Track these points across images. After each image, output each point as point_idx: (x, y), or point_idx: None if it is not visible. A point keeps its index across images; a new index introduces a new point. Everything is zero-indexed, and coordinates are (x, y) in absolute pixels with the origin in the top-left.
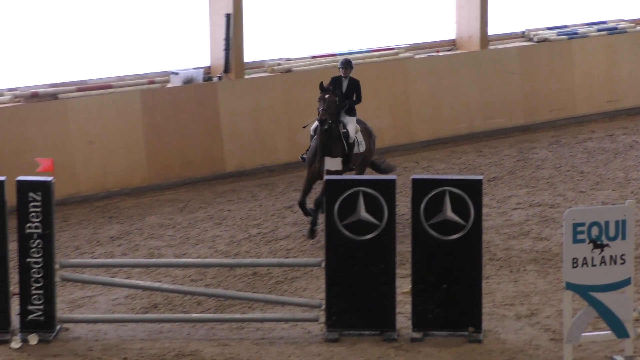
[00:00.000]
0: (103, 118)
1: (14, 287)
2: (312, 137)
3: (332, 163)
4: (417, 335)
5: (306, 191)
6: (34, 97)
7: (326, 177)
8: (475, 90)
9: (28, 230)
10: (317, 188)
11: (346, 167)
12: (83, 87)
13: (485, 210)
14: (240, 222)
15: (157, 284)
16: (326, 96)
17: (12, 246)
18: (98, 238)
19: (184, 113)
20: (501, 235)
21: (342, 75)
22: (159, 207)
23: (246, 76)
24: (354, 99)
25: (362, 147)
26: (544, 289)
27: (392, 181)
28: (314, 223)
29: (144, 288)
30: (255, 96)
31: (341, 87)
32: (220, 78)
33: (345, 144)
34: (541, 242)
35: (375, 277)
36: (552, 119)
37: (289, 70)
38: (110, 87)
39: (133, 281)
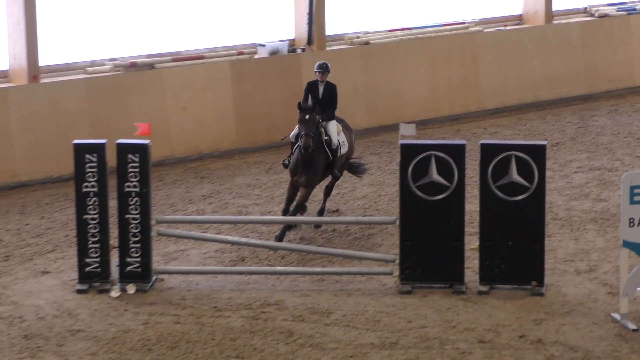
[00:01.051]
0: (195, 86)
1: (113, 241)
2: (292, 143)
3: (406, 129)
4: (484, 288)
5: (290, 199)
6: (133, 67)
7: (400, 141)
8: (539, 62)
9: (127, 189)
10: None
11: (331, 174)
12: (177, 57)
13: (548, 173)
14: (321, 183)
15: (244, 239)
16: (307, 117)
17: (112, 203)
18: (191, 197)
19: (270, 82)
20: (563, 197)
21: (318, 79)
22: (246, 168)
23: (327, 48)
24: (330, 103)
25: (345, 147)
26: (602, 247)
27: (462, 146)
28: (287, 227)
29: (233, 243)
30: (336, 67)
31: (317, 92)
32: (303, 50)
33: (328, 151)
34: (600, 203)
35: (446, 234)
36: (611, 89)
37: (367, 43)
38: (202, 57)
39: (222, 236)
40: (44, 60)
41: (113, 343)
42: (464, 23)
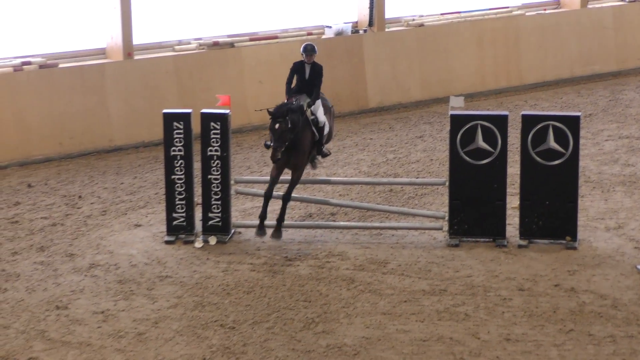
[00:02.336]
0: (270, 63)
1: (197, 198)
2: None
3: (455, 101)
4: (523, 242)
5: (274, 181)
6: (215, 46)
7: (450, 112)
8: (575, 42)
9: (209, 153)
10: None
11: (320, 153)
12: (254, 37)
13: (581, 141)
14: (379, 148)
15: (312, 197)
16: (276, 126)
17: (196, 166)
18: (265, 160)
19: (335, 60)
20: (595, 162)
21: (305, 61)
22: None
23: (386, 29)
24: (315, 84)
25: (327, 128)
26: (629, 207)
27: (505, 116)
28: (263, 217)
29: (302, 200)
30: (393, 46)
31: (304, 72)
32: (365, 31)
33: (315, 130)
34: (628, 167)
35: (490, 194)
36: (639, 66)
37: (421, 25)
38: (276, 37)
39: (293, 195)
40: (137, 39)
41: (196, 288)
42: (507, 7)
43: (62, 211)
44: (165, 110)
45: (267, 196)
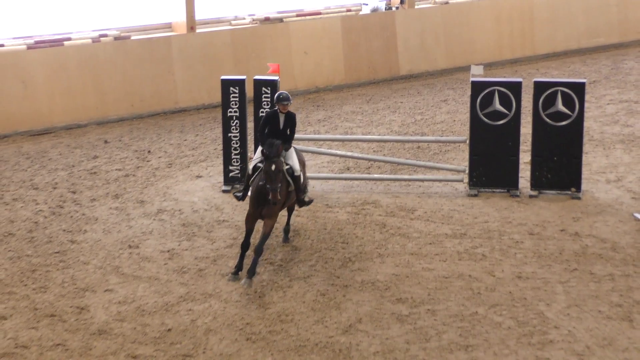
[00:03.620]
0: (314, 36)
1: (250, 153)
2: (249, 176)
3: (476, 69)
4: (534, 193)
5: (249, 232)
6: (266, 20)
7: (471, 79)
8: (582, 18)
9: (261, 114)
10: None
11: (298, 202)
12: (301, 13)
13: (586, 104)
14: (409, 110)
15: (349, 153)
16: (272, 167)
17: (249, 125)
18: (309, 120)
19: (371, 33)
20: (597, 123)
21: (279, 110)
22: (352, 99)
23: (416, 7)
24: (289, 133)
25: (302, 179)
26: (628, 162)
27: (519, 83)
28: (239, 268)
29: (341, 156)
30: (422, 21)
31: (277, 122)
32: (397, 8)
33: (290, 180)
34: (627, 128)
35: (505, 151)
36: (639, 39)
37: (446, 2)
38: (319, 13)
39: (333, 151)
40: (198, 14)
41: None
42: None
43: (133, 164)
44: (222, 77)
45: (245, 247)
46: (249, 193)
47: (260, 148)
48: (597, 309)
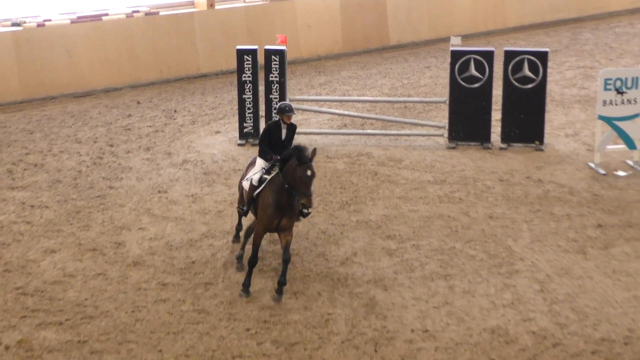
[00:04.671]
0: (316, 12)
1: (261, 112)
2: (254, 188)
3: (455, 40)
4: (503, 145)
5: (259, 247)
6: None
7: (451, 48)
8: None
9: (270, 78)
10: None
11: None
12: None
13: (549, 70)
14: (397, 75)
15: (346, 112)
16: (308, 173)
17: (261, 89)
18: (312, 84)
19: (365, 9)
20: (558, 86)
21: (283, 121)
22: (348, 65)
23: None
24: (287, 145)
25: None
26: (583, 119)
27: (492, 51)
28: (248, 285)
29: (339, 114)
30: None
31: (280, 133)
32: None
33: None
34: (583, 90)
35: (479, 110)
36: (594, 14)
37: None
38: None
39: (332, 110)
40: None
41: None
42: None
43: (162, 121)
44: (238, 47)
45: (253, 263)
46: (266, 206)
47: (259, 159)
48: (556, 243)
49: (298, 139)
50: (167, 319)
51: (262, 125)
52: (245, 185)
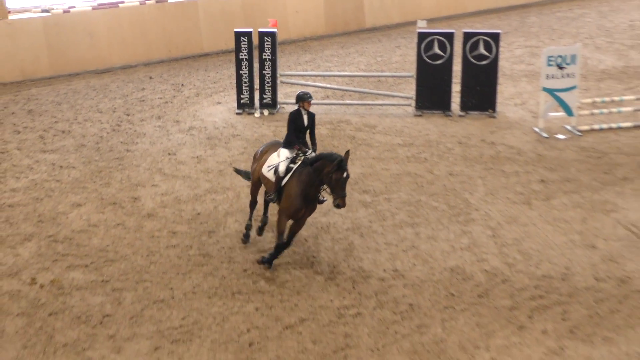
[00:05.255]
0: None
1: (256, 85)
2: (280, 178)
3: (421, 23)
4: (462, 113)
5: (283, 232)
6: None
7: (417, 30)
8: None
9: (264, 57)
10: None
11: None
12: None
13: (500, 49)
14: (372, 54)
15: (328, 85)
16: (345, 175)
17: (255, 65)
18: (299, 61)
19: None
20: (508, 62)
21: (304, 108)
22: (330, 45)
23: None
24: (311, 134)
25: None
26: (530, 91)
27: (452, 33)
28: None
29: (321, 87)
30: None
31: (302, 120)
32: None
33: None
34: (530, 66)
35: (442, 83)
36: (539, 0)
37: None
38: None
39: (316, 83)
40: None
41: (256, 142)
42: None
43: (171, 94)
44: (235, 29)
45: (284, 247)
46: (293, 196)
47: (283, 149)
48: (506, 196)
49: (287, 109)
50: (176, 261)
51: (257, 96)
52: (269, 174)
